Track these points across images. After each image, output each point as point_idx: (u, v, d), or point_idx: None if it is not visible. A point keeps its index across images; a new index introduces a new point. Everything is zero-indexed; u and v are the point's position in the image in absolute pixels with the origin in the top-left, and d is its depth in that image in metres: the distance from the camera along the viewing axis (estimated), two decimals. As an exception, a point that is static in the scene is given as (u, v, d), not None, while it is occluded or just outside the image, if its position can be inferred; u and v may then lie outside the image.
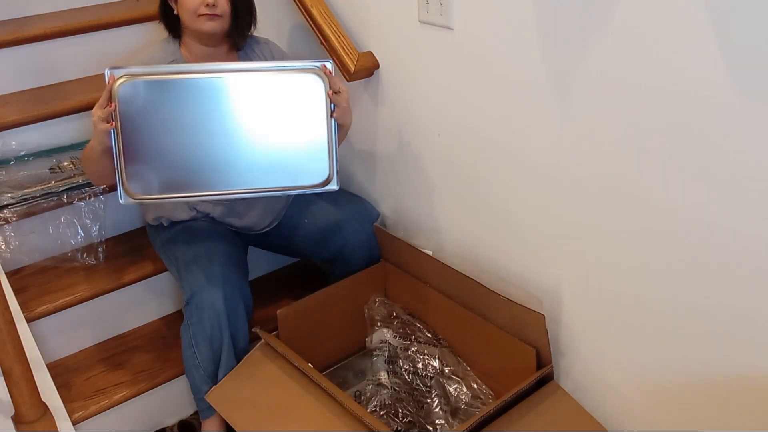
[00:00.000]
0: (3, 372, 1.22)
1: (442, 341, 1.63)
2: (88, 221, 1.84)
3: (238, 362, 1.53)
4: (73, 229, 1.84)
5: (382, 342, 1.64)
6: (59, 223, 1.82)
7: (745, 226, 1.04)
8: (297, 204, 1.75)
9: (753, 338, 1.08)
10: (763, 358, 1.08)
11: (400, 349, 1.62)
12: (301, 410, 1.37)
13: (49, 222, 1.80)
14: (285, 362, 1.47)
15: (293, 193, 1.52)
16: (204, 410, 1.58)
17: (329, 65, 1.42)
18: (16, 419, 1.27)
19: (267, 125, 1.42)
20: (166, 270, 1.78)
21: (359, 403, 1.53)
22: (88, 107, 1.97)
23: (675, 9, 1.01)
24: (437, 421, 1.50)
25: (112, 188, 1.83)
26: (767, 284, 1.04)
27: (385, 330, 1.66)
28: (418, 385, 1.55)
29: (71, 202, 1.78)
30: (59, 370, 1.68)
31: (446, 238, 1.66)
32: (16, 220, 1.72)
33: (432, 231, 1.70)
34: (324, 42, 1.65)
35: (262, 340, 1.53)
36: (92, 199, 1.82)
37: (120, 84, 1.33)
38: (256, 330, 1.52)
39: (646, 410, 1.31)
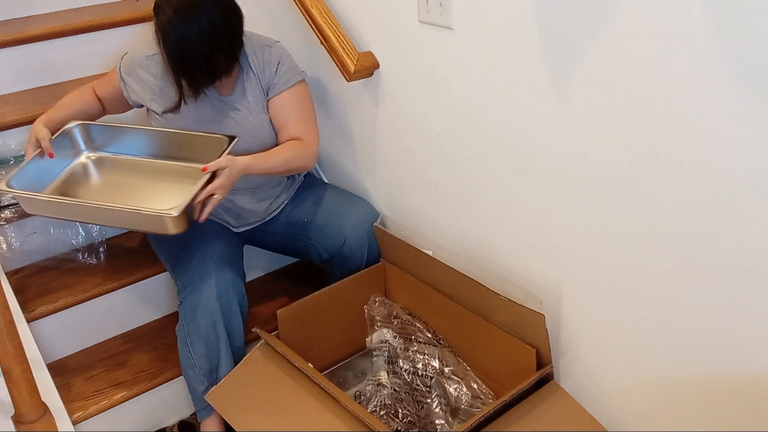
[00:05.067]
0: (3, 372, 1.22)
1: (442, 341, 1.63)
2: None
3: (235, 360, 1.53)
4: (74, 229, 1.84)
5: (382, 342, 1.64)
6: (60, 223, 1.82)
7: (746, 226, 1.04)
8: (297, 203, 1.75)
9: (753, 338, 1.08)
10: (764, 358, 1.08)
11: (400, 349, 1.62)
12: (301, 410, 1.37)
13: (49, 222, 1.80)
14: (285, 362, 1.47)
15: None
16: (201, 410, 1.58)
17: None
18: (16, 419, 1.27)
19: None
20: (165, 270, 1.78)
21: (359, 403, 1.53)
22: (88, 107, 1.99)
23: (675, 7, 1.01)
24: (437, 421, 1.50)
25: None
26: (766, 284, 1.04)
27: (385, 330, 1.66)
28: (417, 385, 1.55)
29: (71, 202, 1.79)
30: (59, 370, 1.68)
31: (446, 238, 1.66)
32: (17, 220, 1.72)
33: (432, 231, 1.70)
34: (324, 42, 1.65)
35: (262, 340, 1.53)
36: None
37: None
38: (256, 330, 1.52)
39: (646, 410, 1.31)
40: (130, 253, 1.86)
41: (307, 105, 1.65)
